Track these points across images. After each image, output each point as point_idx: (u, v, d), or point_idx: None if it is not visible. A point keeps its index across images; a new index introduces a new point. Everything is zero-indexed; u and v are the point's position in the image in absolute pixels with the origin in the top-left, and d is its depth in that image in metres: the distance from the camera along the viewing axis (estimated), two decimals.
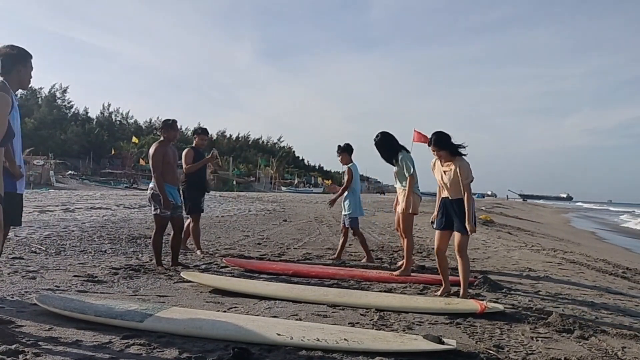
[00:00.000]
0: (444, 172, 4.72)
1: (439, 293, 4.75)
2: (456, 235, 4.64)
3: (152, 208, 5.73)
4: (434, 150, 4.78)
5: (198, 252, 6.73)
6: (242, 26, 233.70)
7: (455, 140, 4.72)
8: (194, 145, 7.06)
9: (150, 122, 72.66)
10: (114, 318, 3.28)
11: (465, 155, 4.71)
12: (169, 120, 5.91)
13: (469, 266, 4.72)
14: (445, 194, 4.75)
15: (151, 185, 5.73)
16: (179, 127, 6.17)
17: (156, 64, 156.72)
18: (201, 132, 7.19)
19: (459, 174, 4.60)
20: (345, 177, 6.89)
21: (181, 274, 5.03)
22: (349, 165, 6.86)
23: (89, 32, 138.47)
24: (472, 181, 4.63)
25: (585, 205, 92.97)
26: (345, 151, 6.88)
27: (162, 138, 5.82)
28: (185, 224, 6.70)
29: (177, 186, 5.88)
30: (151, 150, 5.72)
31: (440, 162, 4.79)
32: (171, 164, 5.75)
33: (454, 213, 4.65)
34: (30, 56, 3.36)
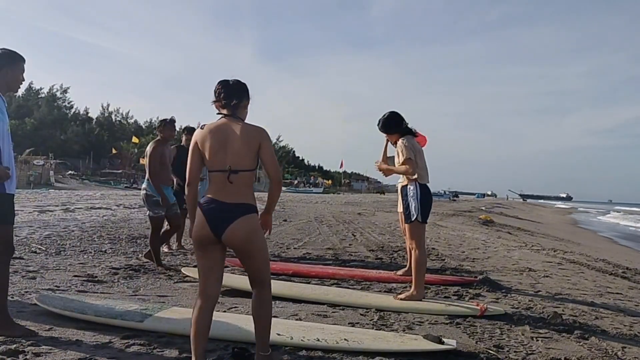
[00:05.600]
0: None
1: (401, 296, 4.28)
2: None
3: (147, 209, 5.75)
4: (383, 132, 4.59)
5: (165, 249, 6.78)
6: (242, 26, 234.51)
7: (407, 123, 4.51)
8: (182, 143, 6.97)
9: (150, 122, 72.62)
10: (114, 318, 3.28)
11: (415, 136, 4.47)
12: (167, 119, 5.94)
13: (421, 263, 4.28)
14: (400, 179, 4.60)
15: (144, 185, 5.77)
16: (177, 127, 6.18)
17: (156, 64, 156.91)
18: (190, 130, 6.97)
19: (398, 152, 4.31)
20: None
21: (182, 270, 5.10)
22: None
23: (89, 32, 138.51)
24: (412, 160, 4.23)
25: (578, 207, 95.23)
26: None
27: (159, 137, 5.84)
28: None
29: (170, 186, 5.90)
30: (149, 149, 5.71)
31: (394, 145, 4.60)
32: (166, 164, 5.78)
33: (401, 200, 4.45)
34: (22, 59, 3.27)
